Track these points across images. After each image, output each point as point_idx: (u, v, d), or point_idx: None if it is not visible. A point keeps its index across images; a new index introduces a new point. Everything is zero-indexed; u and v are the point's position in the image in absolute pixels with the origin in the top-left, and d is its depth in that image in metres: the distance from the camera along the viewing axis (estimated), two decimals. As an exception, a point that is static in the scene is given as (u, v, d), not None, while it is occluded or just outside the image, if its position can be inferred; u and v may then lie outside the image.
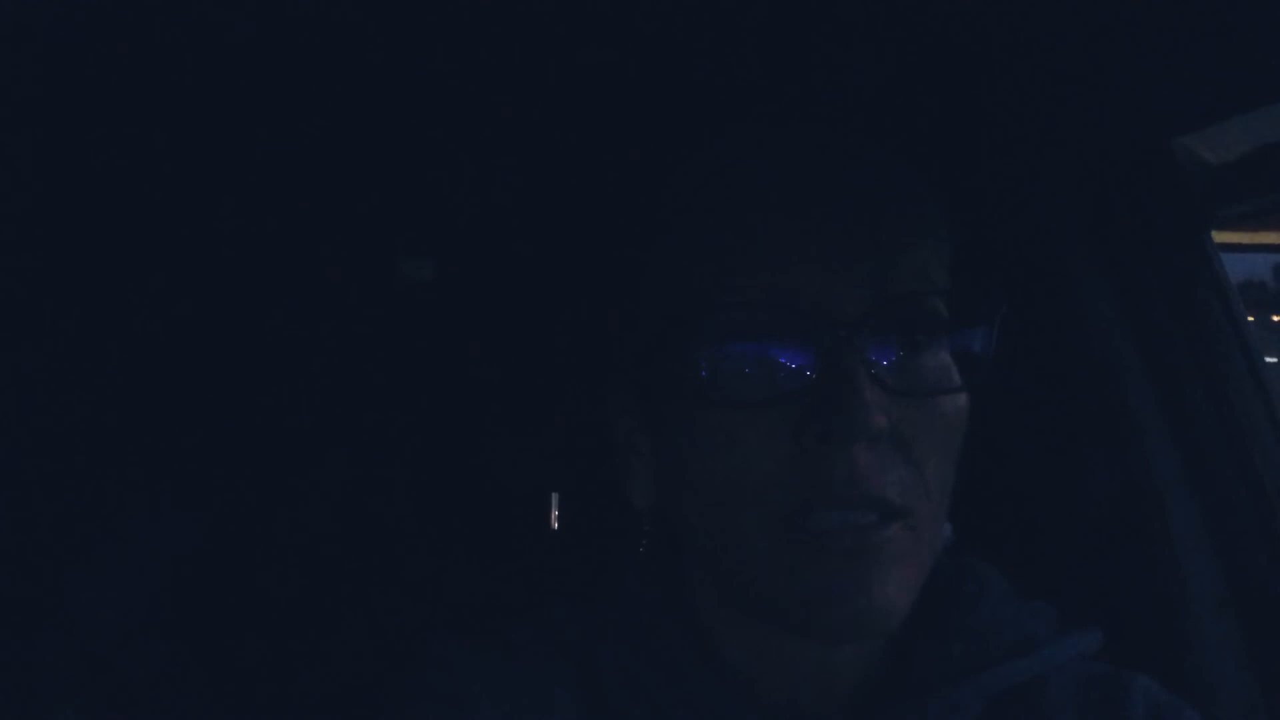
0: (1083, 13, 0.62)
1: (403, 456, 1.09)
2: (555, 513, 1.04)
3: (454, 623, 0.60)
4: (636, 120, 0.71)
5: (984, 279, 0.54)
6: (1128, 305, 0.74)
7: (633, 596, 0.57)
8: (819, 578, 0.48)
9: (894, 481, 0.48)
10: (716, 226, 0.51)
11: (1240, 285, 0.79)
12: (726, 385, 0.49)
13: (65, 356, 0.94)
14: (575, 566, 0.69)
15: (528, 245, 0.98)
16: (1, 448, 0.89)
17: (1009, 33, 0.64)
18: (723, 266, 0.50)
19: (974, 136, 0.74)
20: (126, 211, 0.91)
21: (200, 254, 1.01)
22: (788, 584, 0.49)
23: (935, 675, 0.52)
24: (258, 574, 1.02)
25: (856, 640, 0.52)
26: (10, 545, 0.90)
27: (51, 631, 0.94)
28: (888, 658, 0.55)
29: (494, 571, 0.94)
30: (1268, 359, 0.75)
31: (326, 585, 1.01)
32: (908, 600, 0.49)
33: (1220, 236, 0.80)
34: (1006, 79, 0.69)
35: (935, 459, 0.49)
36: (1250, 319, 0.76)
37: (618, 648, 0.55)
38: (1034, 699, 0.53)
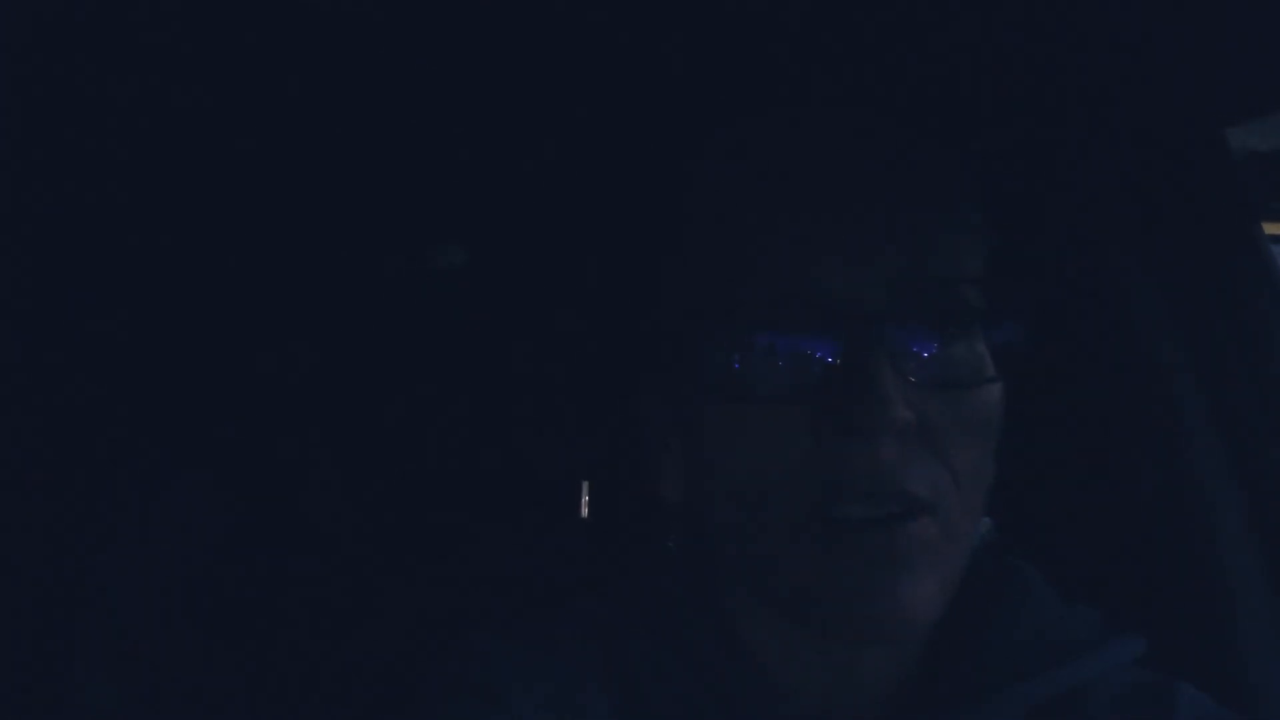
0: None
1: (434, 444, 1.09)
2: (585, 499, 1.04)
3: (486, 613, 0.60)
4: (658, 108, 0.70)
5: (1023, 270, 0.53)
6: (1175, 298, 0.72)
7: (662, 591, 0.57)
8: (842, 574, 0.47)
9: (920, 475, 0.47)
10: (737, 216, 0.50)
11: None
12: (750, 379, 0.48)
13: (98, 343, 0.95)
14: (605, 559, 0.69)
15: (556, 237, 0.98)
16: (37, 433, 0.90)
17: (1052, 17, 0.62)
18: (745, 257, 0.49)
19: (1016, 126, 0.72)
20: (160, 200, 0.91)
21: (233, 245, 1.02)
22: (810, 581, 0.48)
23: (973, 684, 0.51)
24: (288, 560, 1.03)
25: (882, 641, 0.51)
26: (46, 528, 0.91)
27: (85, 610, 0.95)
28: (924, 662, 0.54)
29: (524, 562, 0.94)
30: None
31: (357, 573, 1.02)
32: (937, 600, 0.47)
33: (1272, 228, 0.78)
34: (1050, 65, 0.67)
35: (965, 452, 0.48)
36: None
37: (647, 642, 0.55)
38: (1076, 709, 0.52)
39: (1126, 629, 0.54)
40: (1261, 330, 0.69)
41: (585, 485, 1.05)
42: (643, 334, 0.57)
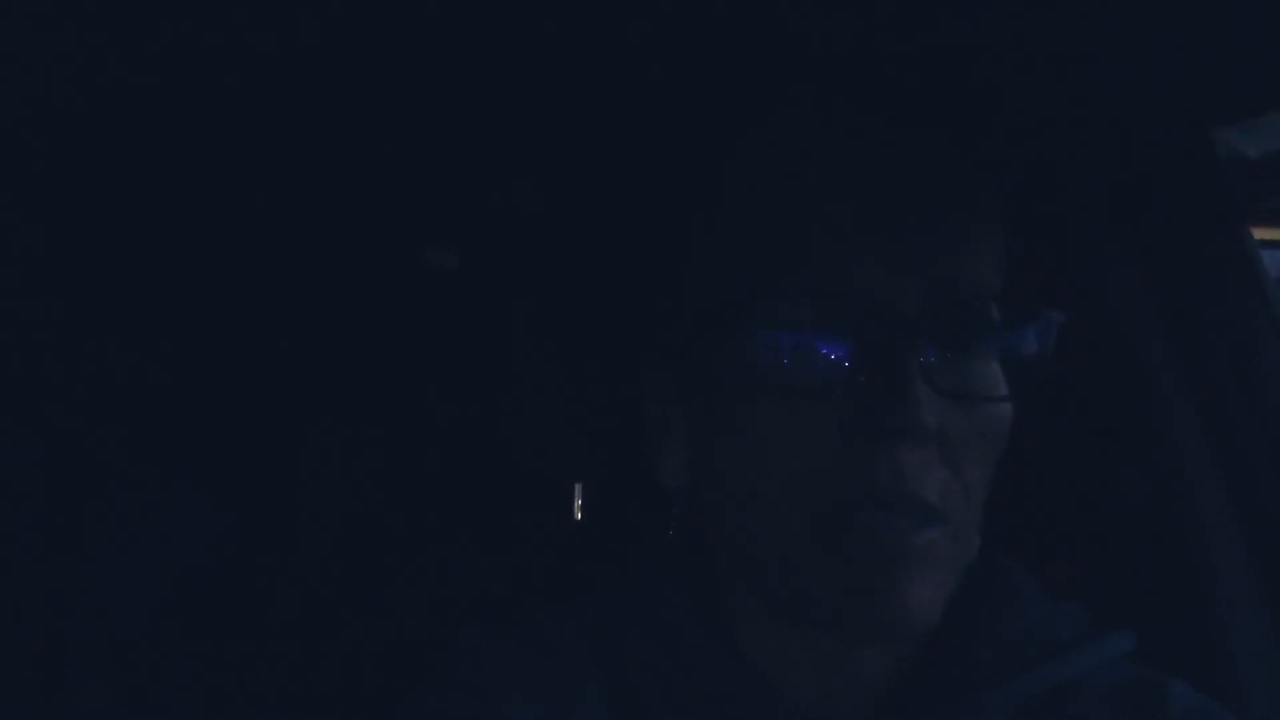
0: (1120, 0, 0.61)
1: (428, 445, 1.09)
2: (579, 502, 1.04)
3: (481, 615, 0.60)
4: (684, 101, 0.69)
5: (1038, 288, 0.53)
6: (1163, 301, 0.72)
7: (657, 591, 0.57)
8: (856, 577, 0.47)
9: (936, 484, 0.47)
10: (777, 211, 0.50)
11: (1279, 280, 0.77)
12: (778, 373, 0.48)
13: (89, 344, 0.95)
14: (601, 558, 0.69)
15: (557, 227, 0.97)
16: (30, 442, 0.90)
17: (1040, 19, 0.62)
18: (782, 253, 0.49)
19: (1004, 129, 0.72)
20: (150, 202, 0.91)
21: (225, 246, 1.02)
22: (823, 581, 0.48)
23: (965, 681, 0.52)
24: (281, 560, 1.03)
25: (887, 642, 0.52)
26: (38, 528, 0.91)
27: (80, 616, 0.95)
28: (916, 661, 0.54)
29: (520, 563, 0.94)
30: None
31: (350, 575, 1.02)
32: (941, 605, 0.48)
33: (1260, 232, 0.78)
34: (1038, 67, 0.67)
35: (976, 465, 0.49)
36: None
37: (642, 644, 0.55)
38: (1067, 704, 0.53)
39: (1115, 626, 0.55)
40: (1248, 331, 0.70)
41: (578, 487, 1.05)
42: (657, 319, 0.56)
